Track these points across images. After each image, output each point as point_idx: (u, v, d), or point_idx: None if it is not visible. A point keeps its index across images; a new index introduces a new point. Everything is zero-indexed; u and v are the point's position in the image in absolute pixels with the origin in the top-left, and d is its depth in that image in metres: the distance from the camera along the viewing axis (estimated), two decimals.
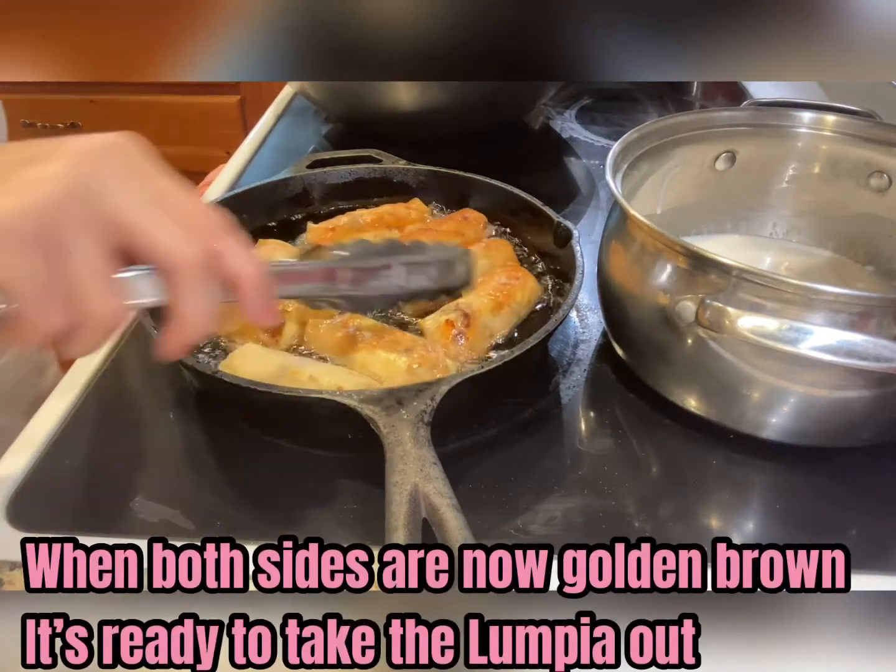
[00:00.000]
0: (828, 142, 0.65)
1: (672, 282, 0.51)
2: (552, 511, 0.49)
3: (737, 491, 0.51)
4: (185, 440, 0.55)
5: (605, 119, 1.09)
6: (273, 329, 0.58)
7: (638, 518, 0.48)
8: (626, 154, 0.60)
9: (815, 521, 0.49)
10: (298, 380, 0.52)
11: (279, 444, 0.54)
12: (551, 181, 0.93)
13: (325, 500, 0.50)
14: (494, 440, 0.54)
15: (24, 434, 0.54)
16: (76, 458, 0.53)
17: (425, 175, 0.75)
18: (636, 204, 0.56)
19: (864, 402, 0.48)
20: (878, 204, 0.64)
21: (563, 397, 0.58)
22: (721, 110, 0.66)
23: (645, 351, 0.56)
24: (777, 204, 0.69)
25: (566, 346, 0.63)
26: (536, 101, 1.00)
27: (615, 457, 0.53)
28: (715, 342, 0.49)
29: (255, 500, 0.50)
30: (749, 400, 0.51)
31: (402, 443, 0.44)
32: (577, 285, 0.58)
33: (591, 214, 0.84)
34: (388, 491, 0.41)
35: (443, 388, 0.47)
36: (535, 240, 0.70)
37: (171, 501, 0.49)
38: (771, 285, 0.46)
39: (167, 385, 0.59)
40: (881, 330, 0.44)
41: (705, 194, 0.68)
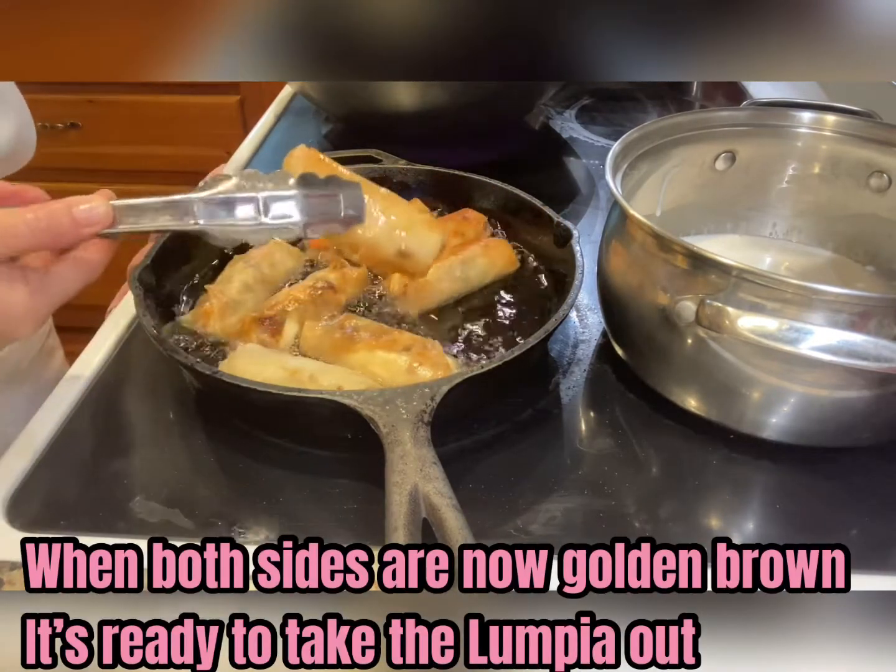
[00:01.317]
0: (828, 142, 0.65)
1: (672, 282, 0.51)
2: (552, 511, 0.49)
3: (737, 491, 0.51)
4: (185, 440, 0.55)
5: (605, 119, 1.09)
6: (273, 329, 0.58)
7: (638, 518, 0.48)
8: (626, 154, 0.60)
9: (815, 521, 0.49)
10: (298, 380, 0.52)
11: (279, 444, 0.54)
12: (551, 181, 0.93)
13: (325, 500, 0.50)
14: (494, 440, 0.54)
15: (25, 434, 0.54)
16: (76, 458, 0.53)
17: (425, 175, 0.75)
18: (636, 204, 0.56)
19: (864, 402, 0.48)
20: (878, 204, 0.64)
21: (563, 397, 0.58)
22: (721, 110, 0.66)
23: (645, 351, 0.56)
24: (777, 204, 0.69)
25: (566, 346, 0.63)
26: (536, 101, 1.00)
27: (615, 457, 0.53)
28: (715, 342, 0.49)
29: (256, 500, 0.50)
30: (749, 400, 0.51)
31: (402, 443, 0.44)
32: (577, 285, 0.58)
33: (591, 214, 0.84)
34: (388, 491, 0.41)
35: (443, 388, 0.47)
36: (534, 240, 0.70)
37: (171, 501, 0.49)
38: (771, 285, 0.46)
39: (167, 385, 0.59)
40: (881, 330, 0.44)
41: (705, 194, 0.68)
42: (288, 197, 0.48)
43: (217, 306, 0.60)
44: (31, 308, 0.43)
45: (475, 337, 0.61)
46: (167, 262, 0.62)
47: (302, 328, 0.59)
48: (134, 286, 0.57)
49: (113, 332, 0.64)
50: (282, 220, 0.48)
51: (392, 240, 0.61)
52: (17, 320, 0.43)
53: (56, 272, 0.44)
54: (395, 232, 0.61)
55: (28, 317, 0.43)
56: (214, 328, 0.59)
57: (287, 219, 0.48)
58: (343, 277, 0.63)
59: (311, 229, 0.49)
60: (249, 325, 0.59)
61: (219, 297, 0.60)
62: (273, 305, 0.60)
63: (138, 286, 0.57)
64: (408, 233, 0.61)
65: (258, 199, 0.47)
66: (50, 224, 0.42)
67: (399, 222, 0.61)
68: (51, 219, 0.42)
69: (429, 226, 0.64)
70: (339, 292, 0.62)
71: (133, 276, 0.58)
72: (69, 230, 0.43)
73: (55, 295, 0.44)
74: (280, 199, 0.48)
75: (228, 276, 0.63)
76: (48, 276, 0.44)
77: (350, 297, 0.64)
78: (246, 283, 0.62)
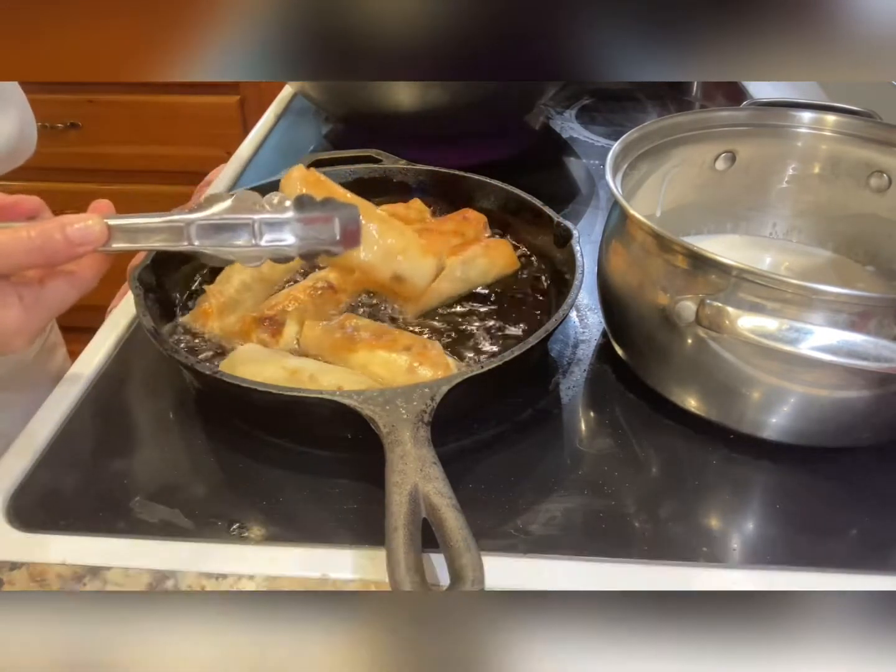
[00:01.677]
0: (828, 142, 0.65)
1: (672, 282, 0.51)
2: (552, 511, 0.49)
3: (737, 491, 0.51)
4: (185, 440, 0.55)
5: (605, 119, 1.09)
6: (273, 329, 0.58)
7: (638, 518, 0.48)
8: (626, 154, 0.60)
9: (815, 521, 0.49)
10: (298, 380, 0.52)
11: (279, 444, 0.54)
12: (551, 181, 0.93)
13: (325, 500, 0.50)
14: (494, 440, 0.54)
15: (25, 434, 0.54)
16: (76, 458, 0.53)
17: (425, 175, 0.75)
18: (636, 204, 0.56)
19: (864, 402, 0.48)
20: (878, 204, 0.64)
21: (563, 397, 0.58)
22: (721, 110, 0.66)
23: (645, 351, 0.56)
24: (777, 204, 0.69)
25: (566, 346, 0.63)
26: (536, 101, 1.00)
27: (615, 457, 0.53)
28: (715, 342, 0.49)
29: (256, 500, 0.50)
30: (749, 400, 0.51)
31: (402, 443, 0.44)
32: (577, 285, 0.58)
33: (591, 214, 0.84)
34: (388, 491, 0.41)
35: (443, 388, 0.47)
36: (535, 240, 0.70)
37: (171, 501, 0.49)
38: (771, 285, 0.46)
39: (167, 385, 0.59)
40: (881, 330, 0.44)
41: (705, 194, 0.68)
42: (283, 221, 0.48)
43: (216, 306, 0.60)
44: (25, 323, 0.44)
45: (475, 337, 0.61)
46: (167, 262, 0.62)
47: (302, 328, 0.59)
48: (134, 286, 0.57)
49: (113, 332, 0.64)
50: (276, 244, 0.48)
51: (387, 264, 0.60)
52: (10, 335, 0.43)
53: (50, 287, 0.44)
54: (391, 256, 0.60)
55: (22, 332, 0.44)
56: (213, 328, 0.59)
57: (281, 242, 0.48)
58: (343, 277, 0.63)
59: (305, 253, 0.49)
60: (249, 324, 0.59)
61: (217, 297, 0.60)
62: (273, 305, 0.60)
63: (138, 286, 0.57)
64: (403, 257, 0.60)
65: (253, 224, 0.47)
66: (44, 243, 0.42)
67: (395, 246, 0.60)
68: (45, 237, 0.42)
69: (424, 251, 0.62)
70: (339, 292, 0.63)
71: (133, 276, 0.58)
72: (63, 249, 0.43)
73: (49, 309, 0.45)
74: (275, 224, 0.48)
75: (227, 275, 0.63)
76: (42, 290, 0.44)
77: (350, 297, 0.64)
78: (245, 282, 0.62)
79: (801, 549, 0.47)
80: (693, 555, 0.46)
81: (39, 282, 0.44)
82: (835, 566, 0.46)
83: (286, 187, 0.60)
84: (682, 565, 0.46)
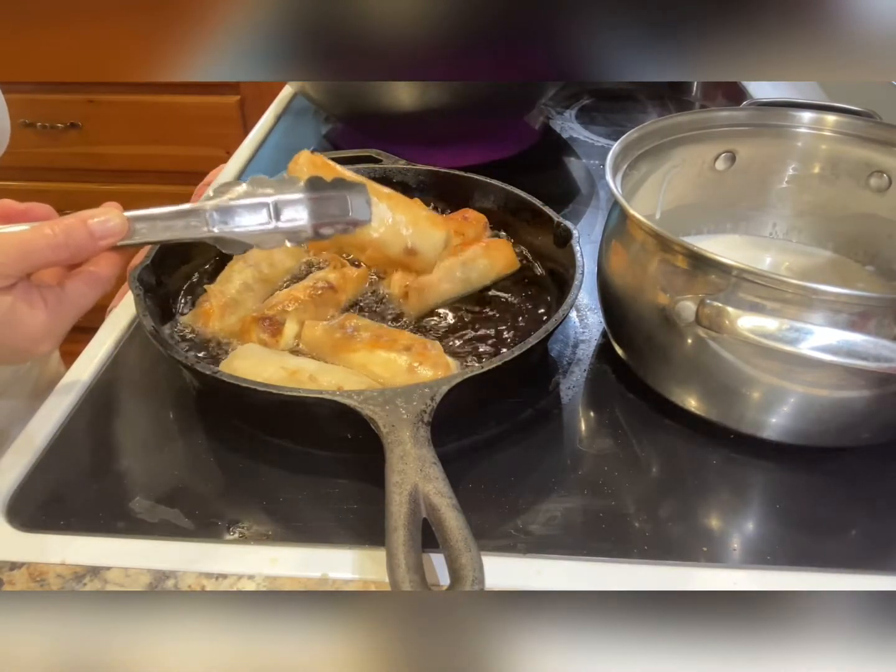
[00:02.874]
0: (828, 142, 0.65)
1: (672, 282, 0.51)
2: (552, 511, 0.49)
3: (737, 491, 0.51)
4: (185, 440, 0.55)
5: (605, 119, 1.09)
6: (273, 329, 0.58)
7: (638, 518, 0.48)
8: (626, 154, 0.60)
9: (815, 521, 0.49)
10: (298, 380, 0.52)
11: (279, 444, 0.54)
12: (551, 181, 0.93)
13: (325, 500, 0.50)
14: (494, 440, 0.54)
15: (24, 434, 0.54)
16: (76, 458, 0.53)
17: (425, 175, 0.75)
18: (636, 204, 0.56)
19: (864, 402, 0.48)
20: (878, 204, 0.64)
21: (563, 397, 0.58)
22: (721, 110, 0.66)
23: (645, 351, 0.56)
24: (777, 204, 0.69)
25: (566, 346, 0.63)
26: (536, 101, 1.00)
27: (615, 457, 0.53)
28: (715, 342, 0.49)
29: (256, 500, 0.50)
30: (749, 400, 0.51)
31: (402, 443, 0.44)
32: (577, 285, 0.58)
33: (591, 214, 0.84)
34: (388, 491, 0.41)
35: (443, 388, 0.47)
36: (534, 240, 0.70)
37: (171, 501, 0.49)
38: (771, 285, 0.46)
39: (167, 385, 0.59)
40: (881, 330, 0.44)
41: (705, 194, 0.68)
42: (297, 200, 0.49)
43: (216, 306, 0.60)
44: (51, 326, 0.43)
45: (475, 337, 0.61)
46: (167, 262, 0.62)
47: (302, 328, 0.59)
48: (134, 286, 0.57)
49: (113, 332, 0.64)
50: (293, 223, 0.49)
51: (398, 238, 0.62)
52: (38, 341, 0.43)
53: (70, 288, 0.44)
54: (401, 230, 0.62)
55: (49, 335, 0.44)
56: (214, 328, 0.59)
57: (298, 222, 0.49)
58: (343, 277, 0.63)
59: (321, 231, 0.49)
60: (249, 324, 0.59)
61: (218, 297, 0.60)
62: (273, 305, 0.60)
63: (138, 286, 0.57)
64: (413, 230, 0.63)
65: (269, 204, 0.48)
66: (68, 238, 0.42)
67: (404, 221, 0.63)
68: (68, 233, 0.42)
69: (433, 222, 0.65)
70: (339, 292, 0.63)
71: (133, 276, 0.58)
72: (87, 243, 0.43)
73: (71, 311, 0.44)
74: (290, 203, 0.48)
75: (228, 275, 0.63)
76: (63, 292, 0.44)
77: (350, 297, 0.64)
78: (245, 282, 0.62)
79: (801, 549, 0.47)
80: (693, 555, 0.46)
81: (59, 284, 0.44)
82: (835, 566, 0.46)
83: (294, 171, 0.61)
84: (682, 565, 0.46)
